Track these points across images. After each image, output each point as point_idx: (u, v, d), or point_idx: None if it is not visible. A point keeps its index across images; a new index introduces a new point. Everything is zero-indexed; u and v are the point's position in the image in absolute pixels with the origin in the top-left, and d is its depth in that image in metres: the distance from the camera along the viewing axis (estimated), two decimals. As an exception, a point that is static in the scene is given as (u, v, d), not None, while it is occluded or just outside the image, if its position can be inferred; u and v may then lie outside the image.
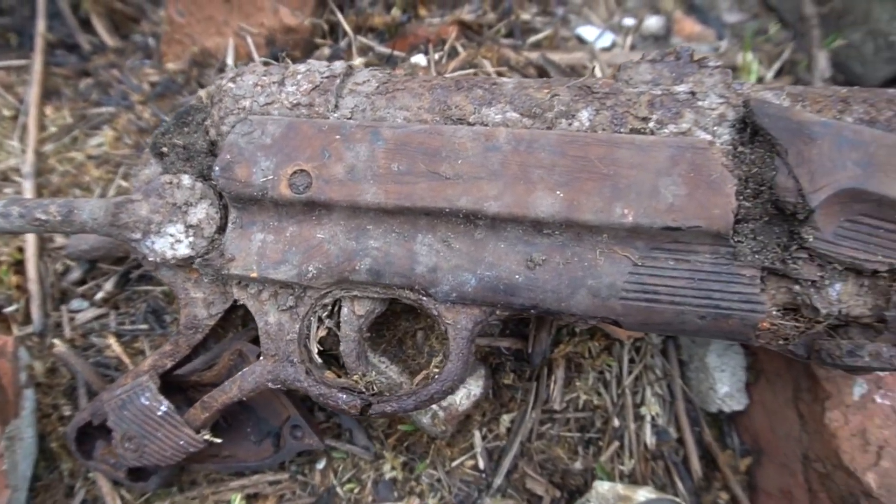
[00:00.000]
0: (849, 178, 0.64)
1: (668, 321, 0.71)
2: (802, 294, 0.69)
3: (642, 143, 0.69)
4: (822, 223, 0.66)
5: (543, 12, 1.20)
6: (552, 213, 0.70)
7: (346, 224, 0.77)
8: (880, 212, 0.66)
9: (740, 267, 0.69)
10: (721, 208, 0.66)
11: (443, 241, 0.74)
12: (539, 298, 0.73)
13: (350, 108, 0.78)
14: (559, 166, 0.70)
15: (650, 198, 0.68)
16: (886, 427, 0.81)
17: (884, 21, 1.04)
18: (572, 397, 0.97)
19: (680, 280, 0.70)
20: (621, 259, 0.71)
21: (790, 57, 1.15)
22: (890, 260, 0.66)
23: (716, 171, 0.67)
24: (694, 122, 0.71)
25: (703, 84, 0.73)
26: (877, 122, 0.69)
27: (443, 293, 0.74)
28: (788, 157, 0.65)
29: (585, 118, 0.73)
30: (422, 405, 0.76)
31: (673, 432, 0.96)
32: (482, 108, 0.76)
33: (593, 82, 0.75)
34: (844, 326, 0.70)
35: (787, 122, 0.66)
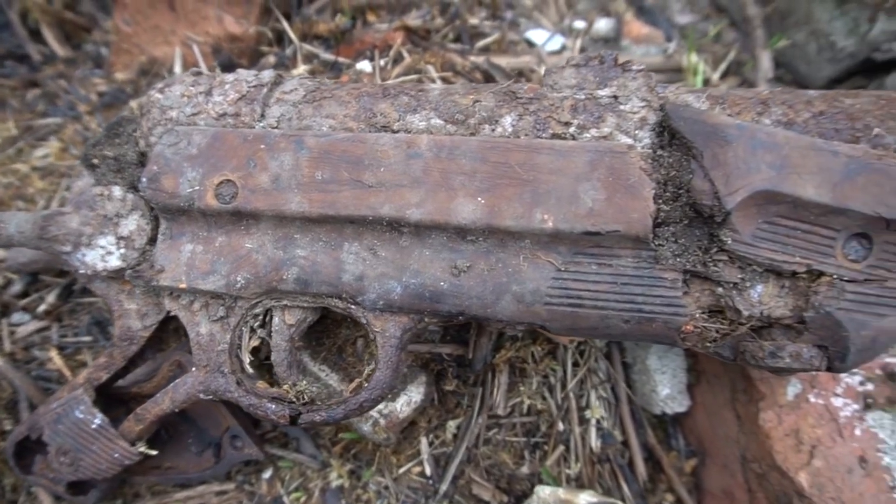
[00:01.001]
0: (763, 181, 0.64)
1: (594, 326, 0.71)
2: (725, 296, 0.69)
3: (562, 149, 0.69)
4: (740, 225, 0.66)
5: (492, 16, 1.20)
6: (473, 219, 0.69)
7: (273, 233, 0.77)
8: (796, 213, 0.66)
9: (662, 270, 0.69)
10: (639, 212, 0.66)
11: (369, 249, 0.74)
12: (465, 305, 0.72)
13: (276, 118, 0.78)
14: (480, 173, 0.70)
15: (570, 203, 0.68)
16: (820, 426, 0.81)
17: (824, 21, 1.05)
18: (517, 402, 0.96)
19: (603, 284, 0.70)
20: (545, 264, 0.71)
21: (736, 58, 1.15)
22: (808, 261, 0.67)
23: (634, 175, 0.67)
24: (616, 125, 0.71)
25: (627, 88, 0.73)
26: (794, 124, 0.69)
27: (370, 301, 0.74)
28: (704, 160, 0.65)
29: (509, 124, 0.73)
30: (352, 414, 0.76)
31: (618, 435, 0.96)
32: (407, 115, 0.76)
33: (518, 88, 0.76)
34: (768, 328, 0.70)
35: (702, 125, 0.66)
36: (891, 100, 0.70)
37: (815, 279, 0.67)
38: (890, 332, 0.66)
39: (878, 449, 0.80)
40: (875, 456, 0.80)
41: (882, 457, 0.80)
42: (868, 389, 0.84)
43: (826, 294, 0.66)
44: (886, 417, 0.83)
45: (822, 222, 0.66)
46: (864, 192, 0.63)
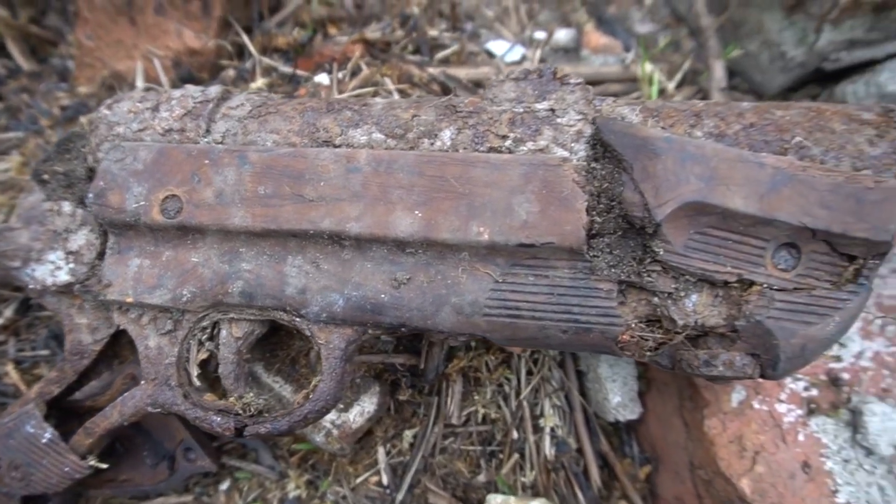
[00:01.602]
0: (692, 192, 0.65)
1: (533, 336, 0.72)
2: (661, 306, 0.70)
3: (496, 162, 0.70)
4: (672, 236, 0.67)
5: (452, 28, 1.21)
6: (411, 232, 0.70)
7: (219, 247, 0.77)
8: (726, 223, 0.67)
9: (597, 281, 0.70)
10: (572, 224, 0.67)
11: (312, 262, 0.75)
12: (406, 317, 0.73)
13: (222, 133, 0.79)
14: (417, 186, 0.71)
15: (505, 216, 0.69)
16: (763, 432, 0.82)
17: (775, 31, 1.06)
18: (472, 411, 0.97)
19: (540, 296, 0.71)
20: (483, 276, 0.72)
21: (692, 67, 1.17)
22: (738, 270, 0.68)
23: (567, 188, 0.68)
24: (552, 138, 0.72)
25: (565, 101, 0.74)
26: (725, 136, 0.71)
27: (313, 314, 0.75)
28: (634, 173, 0.66)
29: (448, 137, 0.74)
30: (296, 426, 0.76)
31: (572, 443, 0.97)
32: (349, 129, 0.77)
33: (459, 102, 0.77)
34: (704, 336, 0.71)
35: (632, 138, 0.67)
36: (820, 111, 0.71)
37: (747, 288, 0.68)
38: (818, 340, 0.67)
39: (822, 454, 0.81)
40: (818, 461, 0.81)
41: (825, 461, 0.81)
42: (812, 395, 0.85)
43: (756, 303, 0.67)
44: (829, 422, 0.84)
45: (751, 232, 0.67)
46: (789, 202, 0.65)
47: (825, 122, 0.70)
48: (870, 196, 0.64)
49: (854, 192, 0.64)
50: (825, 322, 0.67)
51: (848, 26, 0.99)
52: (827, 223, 0.64)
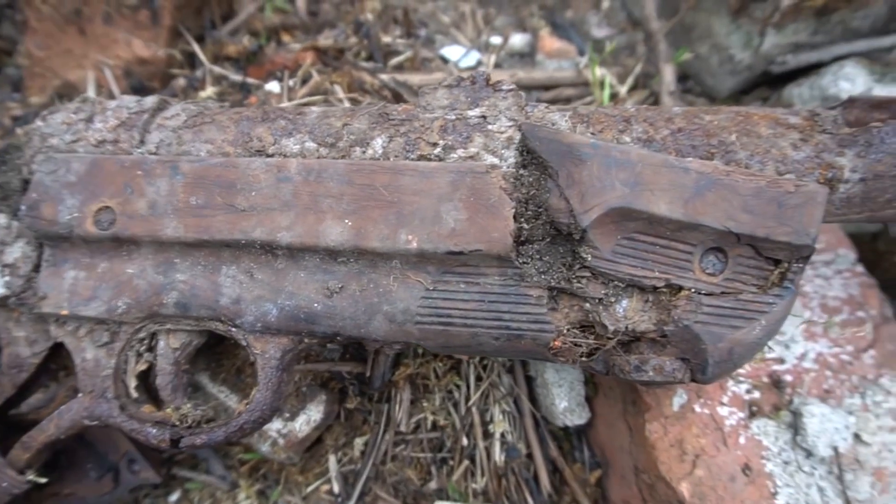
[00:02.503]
0: (617, 198, 0.65)
1: (466, 343, 0.72)
2: (592, 311, 0.70)
3: (425, 170, 0.70)
4: (599, 242, 0.67)
5: (407, 34, 1.21)
6: (341, 241, 0.70)
7: (154, 258, 0.77)
8: (653, 229, 0.67)
9: (527, 287, 0.70)
10: (499, 231, 0.67)
11: (246, 272, 0.75)
12: (339, 326, 0.73)
13: (156, 143, 0.79)
14: (347, 195, 0.71)
15: (433, 223, 0.69)
16: (704, 436, 0.82)
17: (722, 35, 1.07)
18: (421, 418, 0.97)
19: (471, 303, 0.71)
20: (414, 284, 0.71)
21: (645, 71, 1.17)
22: (666, 275, 0.68)
23: (494, 195, 0.68)
24: (483, 145, 0.72)
25: (497, 107, 0.74)
26: (654, 141, 0.71)
27: (248, 324, 0.75)
28: (559, 179, 0.66)
29: (379, 146, 0.74)
30: (233, 436, 0.76)
31: (523, 449, 0.97)
32: (282, 138, 0.76)
33: (392, 109, 0.77)
34: (636, 341, 0.71)
35: (558, 144, 0.67)
36: (748, 116, 0.72)
37: (676, 293, 0.68)
38: (745, 344, 0.67)
39: (762, 456, 0.82)
40: (759, 463, 0.81)
41: (765, 464, 0.81)
42: (754, 397, 0.86)
43: (684, 308, 0.67)
44: (770, 424, 0.84)
45: (678, 237, 0.67)
46: (714, 207, 0.65)
47: (752, 126, 0.71)
48: (790, 200, 0.64)
49: (776, 197, 0.64)
50: (752, 326, 0.67)
51: (791, 30, 1.00)
52: (750, 228, 0.64)
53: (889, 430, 0.86)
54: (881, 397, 0.88)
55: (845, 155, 0.67)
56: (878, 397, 0.88)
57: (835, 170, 0.67)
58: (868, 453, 0.84)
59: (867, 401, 0.88)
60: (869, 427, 0.85)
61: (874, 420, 0.86)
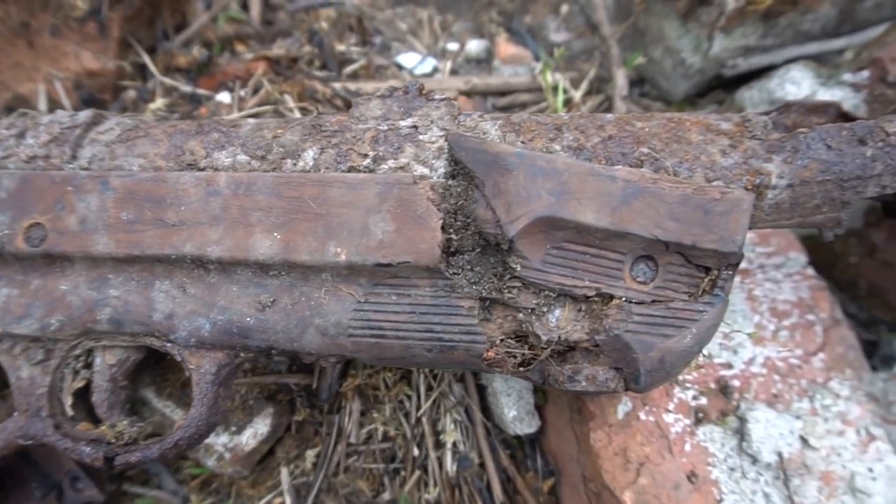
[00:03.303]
0: (543, 207, 0.65)
1: (400, 355, 0.72)
2: (525, 321, 0.69)
3: (353, 182, 0.69)
4: (528, 252, 0.67)
5: (362, 42, 1.21)
6: (270, 255, 0.70)
7: (87, 274, 0.76)
8: (582, 238, 0.67)
9: (458, 298, 0.69)
10: (427, 242, 0.67)
11: (179, 286, 0.74)
12: (272, 339, 0.72)
13: (88, 158, 0.78)
14: (276, 208, 0.70)
15: (361, 235, 0.68)
16: (648, 444, 0.81)
17: (674, 39, 1.06)
18: (372, 429, 0.96)
19: (402, 315, 0.70)
20: (346, 296, 0.71)
21: (600, 76, 1.17)
22: (597, 284, 0.67)
23: (422, 206, 0.67)
24: (414, 156, 0.71)
25: (429, 117, 0.74)
26: (584, 149, 0.70)
27: (182, 339, 0.74)
28: (485, 189, 0.66)
29: (311, 157, 0.74)
30: (168, 453, 0.75)
31: (475, 458, 0.96)
32: (214, 152, 0.76)
33: (325, 121, 0.76)
34: (571, 351, 0.71)
35: (484, 154, 0.66)
36: (679, 122, 0.72)
37: (607, 302, 0.68)
38: (676, 353, 0.67)
39: (708, 463, 0.81)
40: (705, 470, 0.81)
41: (711, 470, 0.81)
42: (701, 403, 0.85)
43: (615, 317, 0.67)
44: (717, 431, 0.83)
45: (607, 246, 0.67)
46: (641, 215, 0.64)
47: (683, 132, 0.70)
48: (716, 207, 0.64)
49: (702, 204, 0.64)
50: (682, 334, 0.66)
51: (739, 34, 1.00)
52: (677, 235, 0.64)
53: (837, 434, 0.86)
54: (830, 401, 0.88)
55: (773, 161, 0.67)
56: (826, 401, 0.88)
57: (762, 176, 0.67)
58: (815, 457, 0.83)
59: (816, 404, 0.87)
60: (816, 431, 0.85)
61: (822, 424, 0.86)
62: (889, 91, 0.86)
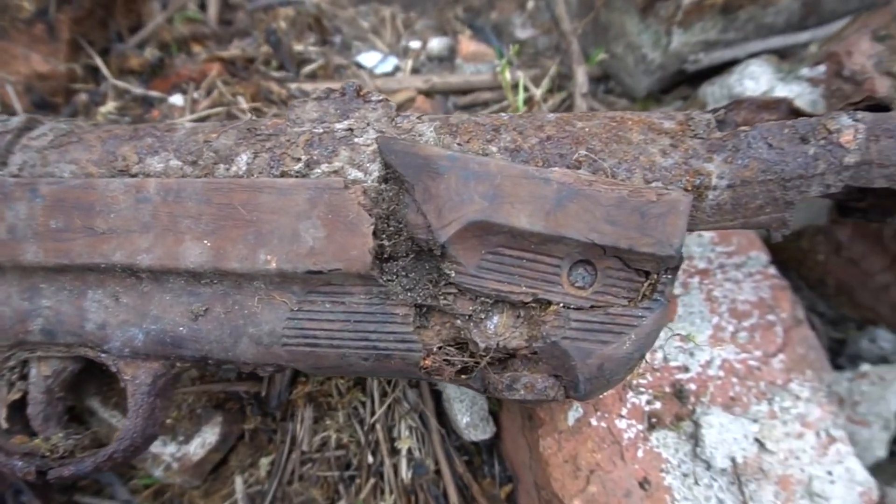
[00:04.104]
0: (475, 212, 0.63)
1: (336, 364, 0.70)
2: (463, 328, 0.68)
3: (283, 187, 0.67)
4: (463, 257, 0.65)
5: (322, 42, 1.19)
6: (201, 263, 0.68)
7: (20, 284, 0.74)
8: (517, 242, 0.65)
9: (393, 306, 0.67)
10: (358, 249, 0.65)
11: (112, 296, 0.72)
12: (206, 349, 0.71)
13: (19, 165, 0.76)
14: (206, 215, 0.68)
15: (292, 242, 0.66)
16: (599, 450, 0.80)
17: (635, 34, 1.04)
18: (326, 436, 0.95)
19: (337, 323, 0.68)
20: (279, 305, 0.69)
21: (562, 73, 1.15)
22: (534, 290, 0.65)
23: (353, 212, 0.65)
24: (349, 159, 0.69)
25: (366, 119, 0.72)
26: (521, 151, 0.68)
27: (116, 349, 0.72)
28: (415, 194, 0.64)
29: (244, 162, 0.72)
30: (103, 466, 0.73)
31: (431, 465, 0.95)
32: (147, 157, 0.74)
33: (260, 124, 0.74)
34: (512, 358, 0.69)
35: (414, 157, 0.65)
36: (622, 121, 0.70)
37: (545, 308, 0.66)
38: (615, 360, 0.65)
39: (662, 469, 0.79)
40: (658, 476, 0.79)
41: (664, 477, 0.79)
42: (655, 408, 0.83)
43: (553, 323, 0.65)
44: (671, 436, 0.82)
45: (543, 251, 0.65)
46: (576, 218, 0.62)
47: (625, 132, 0.68)
48: (653, 209, 0.62)
49: (638, 206, 0.62)
50: (621, 340, 0.64)
51: (699, 28, 0.97)
52: (613, 239, 0.62)
53: (796, 437, 0.84)
54: (789, 403, 0.86)
55: (713, 161, 0.65)
56: (786, 403, 0.86)
57: (702, 176, 0.65)
58: (772, 461, 0.82)
59: (775, 407, 0.86)
60: (774, 434, 0.83)
61: (780, 427, 0.84)
62: (845, 86, 0.84)
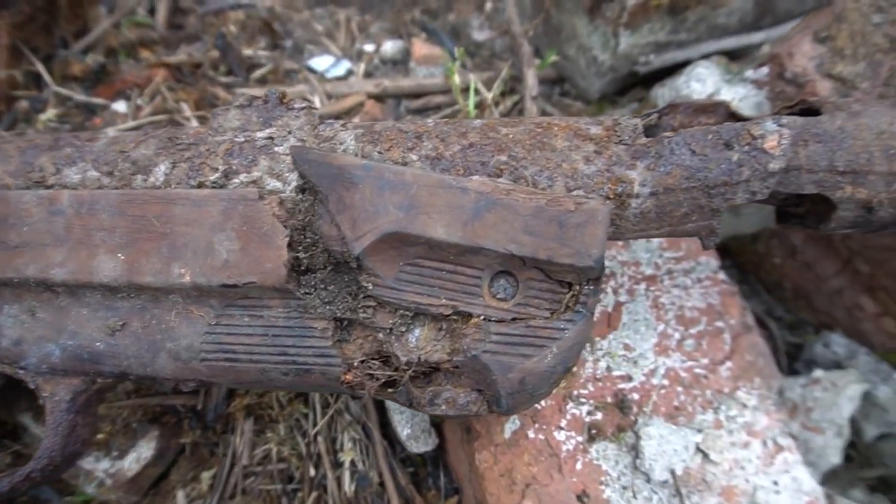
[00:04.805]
0: (390, 223, 0.61)
1: (257, 380, 0.68)
2: (385, 342, 0.66)
3: (197, 199, 0.65)
4: (380, 269, 0.63)
5: (273, 46, 1.17)
6: (115, 277, 0.66)
7: (-63, 299, 0.73)
8: (435, 253, 0.63)
9: (311, 320, 0.66)
10: (273, 262, 0.63)
11: (28, 311, 0.70)
12: (124, 365, 0.69)
13: (-64, 177, 0.74)
14: (120, 227, 0.67)
15: (206, 255, 0.64)
16: (536, 463, 0.78)
17: (584, 36, 1.02)
18: (267, 449, 0.93)
19: (255, 337, 0.66)
20: (197, 319, 0.67)
21: (515, 75, 1.13)
22: (454, 302, 0.64)
23: (267, 223, 0.64)
24: (268, 169, 0.68)
25: (288, 127, 0.70)
26: (443, 158, 0.67)
27: (33, 366, 0.70)
28: (329, 204, 0.62)
29: (162, 173, 0.70)
30: (20, 486, 0.71)
31: (375, 477, 0.93)
32: (65, 168, 0.72)
33: (182, 133, 0.72)
34: (436, 372, 0.67)
35: (327, 167, 0.63)
36: (548, 127, 0.68)
37: (466, 321, 0.64)
38: (537, 374, 0.63)
39: (601, 482, 0.78)
40: (597, 489, 0.77)
41: (604, 490, 0.77)
42: (596, 419, 0.82)
43: (473, 336, 0.63)
44: (611, 448, 0.80)
45: (463, 262, 0.63)
46: (494, 229, 0.61)
47: (549, 139, 0.67)
48: (571, 219, 0.60)
49: (556, 216, 0.60)
50: (543, 354, 0.63)
51: (647, 29, 0.95)
52: (532, 250, 0.60)
53: (742, 446, 0.82)
54: (736, 411, 0.84)
55: (636, 168, 0.63)
56: (732, 412, 0.84)
57: (624, 184, 0.63)
58: (716, 472, 0.80)
59: (721, 416, 0.84)
60: (718, 444, 0.81)
61: (726, 436, 0.82)
62: (788, 88, 0.82)
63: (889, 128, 0.63)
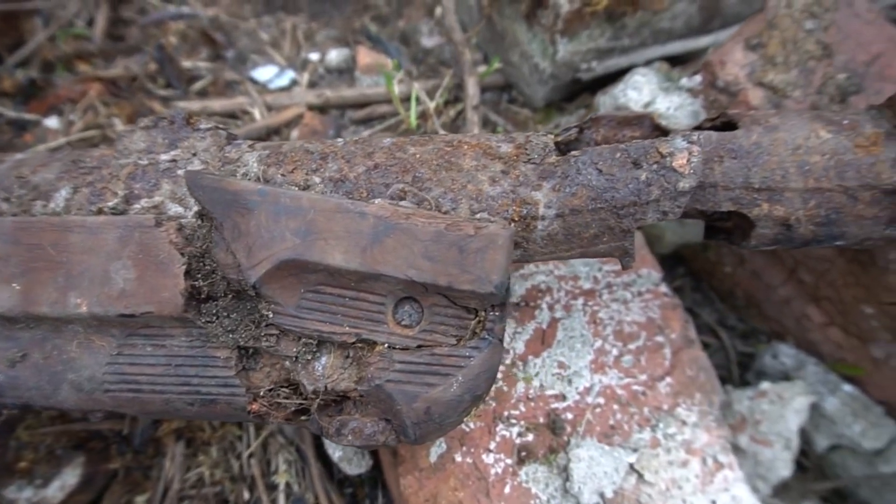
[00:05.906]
0: (287, 250, 0.59)
1: (162, 410, 0.66)
2: (292, 370, 0.64)
3: (93, 226, 0.63)
4: (280, 297, 0.61)
5: (215, 57, 1.14)
6: (10, 307, 0.64)
7: None
8: (336, 280, 0.61)
9: (214, 349, 0.64)
10: (170, 290, 0.61)
11: (-72, 342, 0.68)
12: (26, 397, 0.67)
13: None
14: (14, 256, 0.64)
15: (102, 284, 0.62)
16: (463, 488, 0.76)
17: (525, 43, 1.00)
18: (199, 472, 0.91)
19: (158, 367, 0.64)
20: (99, 349, 0.65)
21: (458, 83, 1.10)
22: (357, 330, 0.62)
23: (164, 251, 0.62)
24: (170, 193, 0.66)
25: (194, 149, 0.68)
26: (346, 181, 0.64)
27: (-65, 398, 0.68)
28: (224, 232, 0.60)
29: (62, 198, 0.68)
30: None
31: (311, 499, 0.91)
32: (-36, 193, 0.70)
33: (86, 156, 0.70)
34: (345, 400, 0.65)
35: (222, 192, 0.60)
36: (457, 146, 0.66)
37: (371, 349, 0.62)
38: (443, 403, 0.61)
39: (530, 506, 0.76)
40: (525, 514, 0.75)
41: (532, 514, 0.75)
42: (526, 441, 0.80)
43: (377, 365, 0.61)
44: (542, 470, 0.78)
45: (364, 288, 0.61)
46: (393, 254, 0.59)
47: (457, 158, 0.64)
48: (471, 244, 0.58)
49: (456, 241, 0.58)
50: (448, 383, 0.60)
51: (585, 36, 0.93)
52: (432, 276, 0.58)
53: (680, 465, 0.80)
54: (674, 429, 0.82)
55: (542, 189, 0.61)
56: (671, 429, 0.82)
57: (529, 206, 0.61)
58: (652, 493, 0.78)
59: (658, 434, 0.82)
60: (654, 464, 0.79)
61: (663, 455, 0.80)
62: (721, 96, 0.80)
63: (805, 143, 0.61)
